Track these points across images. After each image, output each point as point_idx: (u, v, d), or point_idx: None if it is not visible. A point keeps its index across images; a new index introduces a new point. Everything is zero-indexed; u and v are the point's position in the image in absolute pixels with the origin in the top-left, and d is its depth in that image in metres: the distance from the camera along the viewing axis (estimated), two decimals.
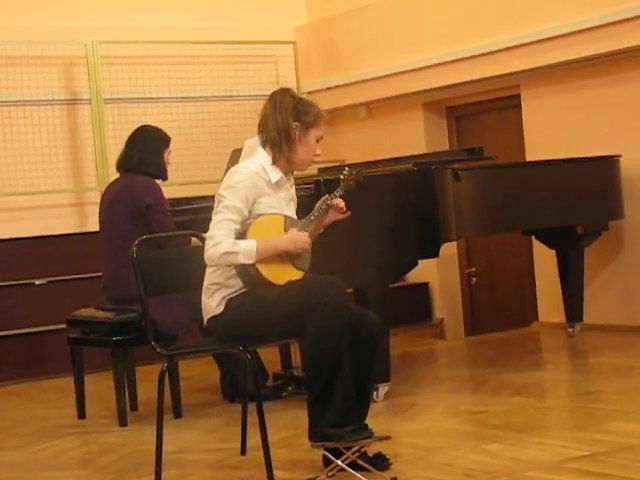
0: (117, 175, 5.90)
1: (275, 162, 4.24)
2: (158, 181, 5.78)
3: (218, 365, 5.90)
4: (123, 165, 5.80)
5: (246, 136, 6.52)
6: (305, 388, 4.28)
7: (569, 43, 7.10)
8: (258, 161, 4.25)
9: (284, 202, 4.29)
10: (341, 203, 4.30)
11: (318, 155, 4.33)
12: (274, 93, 4.32)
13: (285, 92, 4.29)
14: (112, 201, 5.73)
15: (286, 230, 4.21)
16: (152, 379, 4.71)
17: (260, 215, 4.18)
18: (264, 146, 4.28)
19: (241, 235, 4.12)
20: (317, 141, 4.29)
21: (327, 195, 4.29)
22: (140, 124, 6.05)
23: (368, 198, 5.23)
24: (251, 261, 4.08)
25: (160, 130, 5.93)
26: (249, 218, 4.16)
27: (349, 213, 4.33)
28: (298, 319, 4.03)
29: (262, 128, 4.28)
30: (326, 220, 4.32)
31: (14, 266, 7.76)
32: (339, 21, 9.00)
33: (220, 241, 4.06)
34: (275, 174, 4.24)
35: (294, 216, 4.32)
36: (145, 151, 5.74)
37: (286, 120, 4.20)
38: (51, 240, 7.99)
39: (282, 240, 4.16)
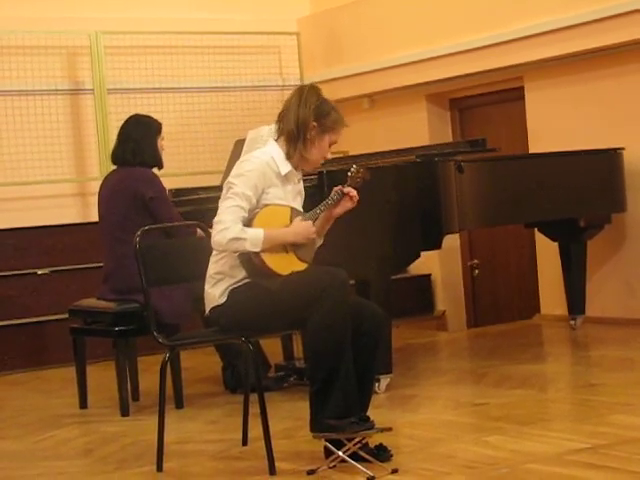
0: (115, 167, 5.90)
1: (289, 156, 4.24)
2: (154, 169, 5.78)
3: (220, 356, 5.90)
4: (118, 158, 5.78)
5: (249, 127, 6.52)
6: (307, 379, 4.28)
7: (573, 35, 7.09)
8: (269, 152, 4.25)
9: (291, 195, 4.29)
10: (354, 192, 4.29)
11: (328, 158, 4.33)
12: (302, 87, 4.31)
13: (312, 89, 4.28)
14: (112, 192, 5.72)
15: (292, 222, 4.22)
16: (154, 369, 4.73)
17: (267, 205, 4.19)
18: (278, 137, 4.28)
19: (247, 223, 4.12)
20: (330, 145, 4.30)
21: (340, 186, 4.28)
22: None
23: (371, 190, 5.20)
24: (257, 249, 4.08)
25: (150, 118, 5.91)
26: (256, 207, 4.17)
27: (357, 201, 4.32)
28: (300, 311, 4.04)
29: (281, 119, 4.28)
30: (337, 209, 4.30)
31: (16, 256, 7.76)
32: (343, 12, 8.98)
33: (228, 226, 4.07)
34: (285, 166, 4.24)
35: (300, 209, 4.32)
36: (138, 142, 5.72)
37: (306, 117, 4.20)
38: (53, 230, 7.98)
39: (289, 231, 4.17)
